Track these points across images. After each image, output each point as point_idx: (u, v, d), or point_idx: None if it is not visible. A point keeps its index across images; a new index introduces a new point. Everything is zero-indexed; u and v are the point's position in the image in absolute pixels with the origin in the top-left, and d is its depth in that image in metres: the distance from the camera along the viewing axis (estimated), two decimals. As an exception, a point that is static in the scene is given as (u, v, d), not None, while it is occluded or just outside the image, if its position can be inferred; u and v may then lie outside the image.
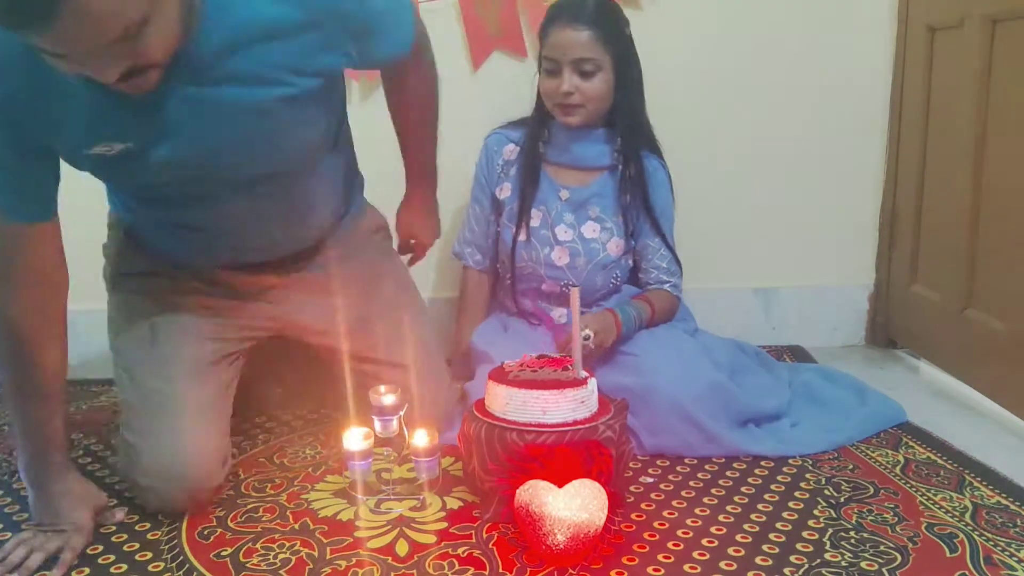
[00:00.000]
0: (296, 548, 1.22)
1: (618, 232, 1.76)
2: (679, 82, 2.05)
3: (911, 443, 1.56)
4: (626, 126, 1.73)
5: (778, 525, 1.27)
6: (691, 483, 1.41)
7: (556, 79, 1.67)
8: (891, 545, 1.20)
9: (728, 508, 1.33)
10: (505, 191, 1.80)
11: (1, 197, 1.19)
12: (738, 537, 1.24)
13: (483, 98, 1.98)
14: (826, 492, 1.37)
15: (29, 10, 0.91)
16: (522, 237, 1.77)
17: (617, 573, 1.14)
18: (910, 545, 1.20)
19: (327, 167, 1.43)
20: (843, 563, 1.16)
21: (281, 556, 1.20)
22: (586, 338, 1.51)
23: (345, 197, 1.55)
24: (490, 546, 1.22)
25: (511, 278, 1.80)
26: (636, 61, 1.73)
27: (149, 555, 1.22)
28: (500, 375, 1.35)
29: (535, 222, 1.77)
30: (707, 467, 1.47)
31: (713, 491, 1.38)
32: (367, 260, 1.59)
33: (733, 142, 2.09)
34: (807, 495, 1.36)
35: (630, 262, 1.81)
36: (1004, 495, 1.35)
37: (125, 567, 1.19)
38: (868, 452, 1.52)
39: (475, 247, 1.85)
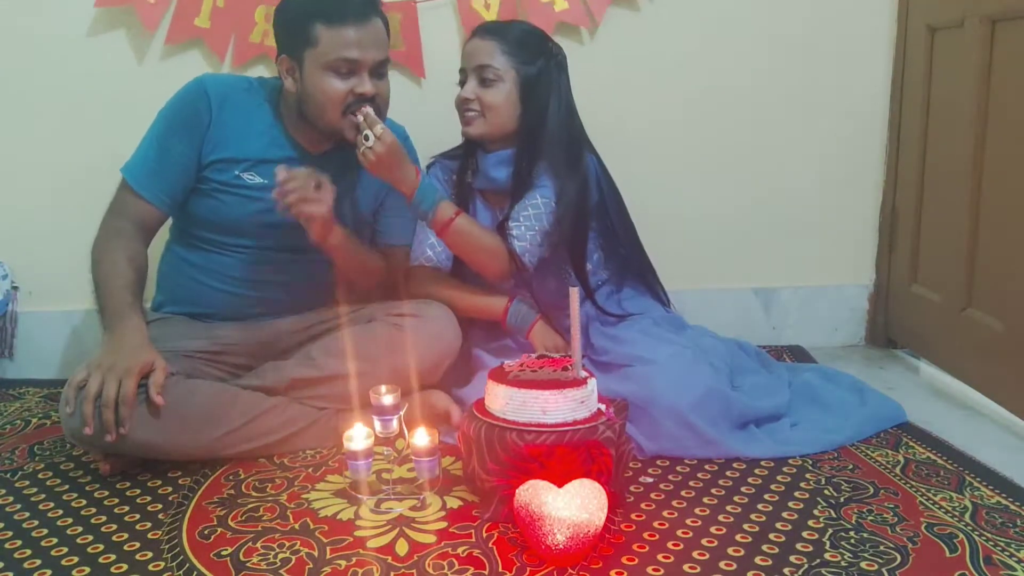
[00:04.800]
0: (296, 548, 1.23)
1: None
2: (679, 82, 2.05)
3: (911, 443, 1.56)
4: (524, 152, 1.69)
5: (778, 525, 1.27)
6: (691, 483, 1.41)
7: (462, 89, 1.71)
8: (891, 545, 1.20)
9: (728, 508, 1.33)
10: None
11: (143, 171, 1.56)
12: (738, 537, 1.24)
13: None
14: (826, 492, 1.37)
15: (361, 8, 1.51)
16: None
17: (617, 573, 1.15)
18: (910, 545, 1.20)
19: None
20: (843, 563, 1.16)
21: (281, 556, 1.20)
22: (366, 138, 1.49)
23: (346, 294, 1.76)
24: (490, 546, 1.22)
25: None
26: (548, 91, 1.68)
27: (149, 555, 1.22)
28: (500, 375, 1.35)
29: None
30: (707, 467, 1.47)
31: (713, 491, 1.38)
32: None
33: (733, 142, 2.09)
34: (807, 495, 1.36)
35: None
36: (1004, 495, 1.35)
37: (125, 567, 1.19)
38: (868, 452, 1.52)
39: (435, 257, 1.74)
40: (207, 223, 1.62)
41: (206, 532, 1.28)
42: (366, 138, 1.51)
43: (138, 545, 1.24)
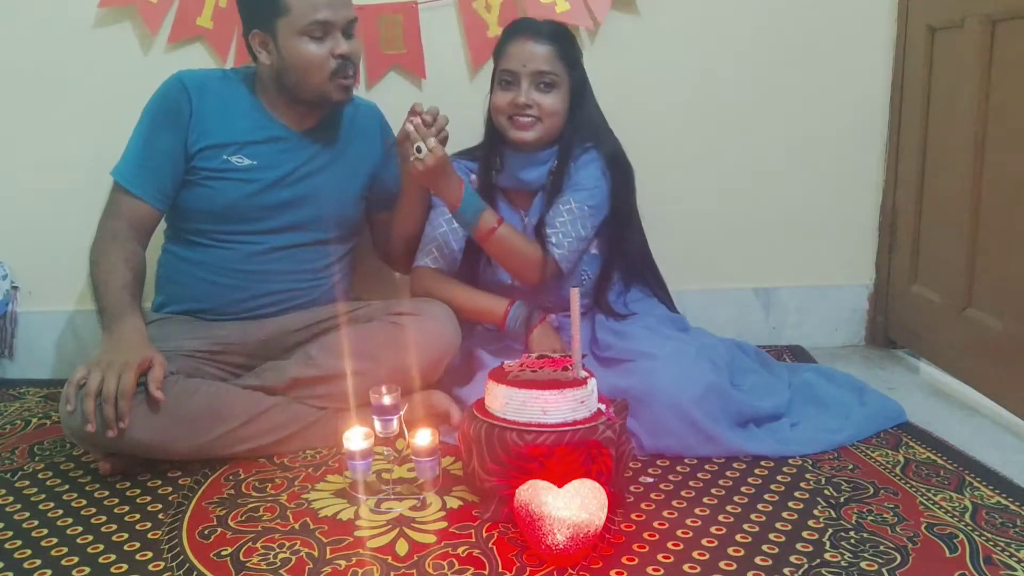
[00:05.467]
0: (296, 548, 1.23)
1: None
2: (678, 82, 2.05)
3: (911, 443, 1.56)
4: (566, 152, 1.71)
5: (778, 525, 1.27)
6: (691, 483, 1.41)
7: (512, 91, 1.66)
8: (891, 545, 1.20)
9: (728, 508, 1.33)
10: None
11: (132, 169, 1.58)
12: (738, 537, 1.24)
13: (481, 103, 1.98)
14: (826, 492, 1.37)
15: None
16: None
17: (617, 573, 1.15)
18: (910, 545, 1.20)
19: (342, 253, 1.76)
20: (843, 563, 1.16)
21: (281, 556, 1.21)
22: (418, 150, 1.51)
23: (338, 295, 1.77)
24: (490, 546, 1.22)
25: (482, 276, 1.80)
26: (590, 92, 1.74)
27: (149, 555, 1.22)
28: (500, 375, 1.35)
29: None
30: (707, 467, 1.47)
31: (713, 491, 1.39)
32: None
33: (733, 142, 2.09)
34: (807, 495, 1.36)
35: (593, 252, 1.78)
36: (1004, 495, 1.35)
37: (125, 567, 1.19)
38: (868, 452, 1.52)
39: (441, 259, 1.76)
40: (203, 214, 1.63)
41: (206, 532, 1.28)
42: (418, 150, 1.52)
43: (138, 545, 1.24)
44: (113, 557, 1.21)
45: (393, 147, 1.75)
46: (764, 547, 1.21)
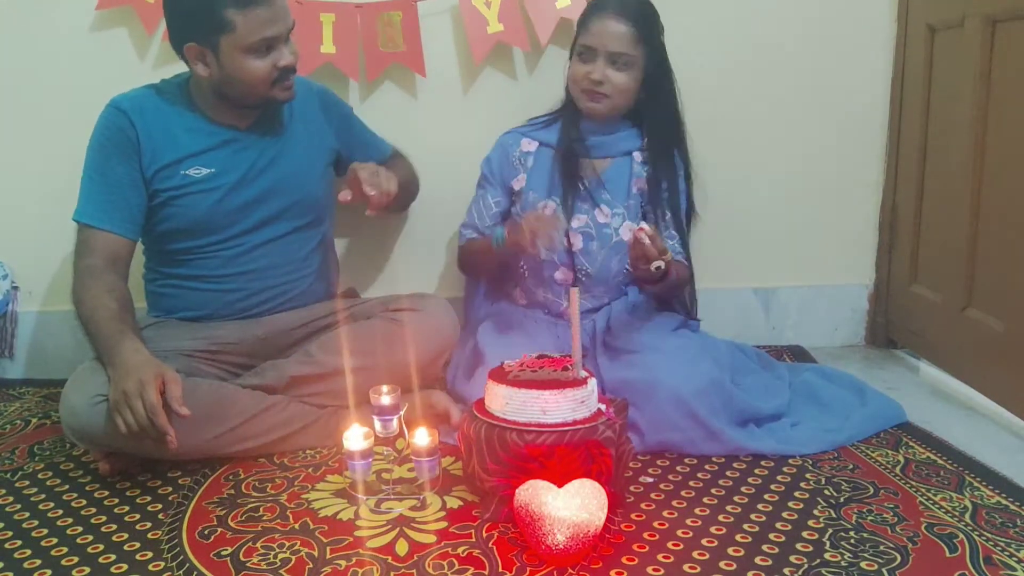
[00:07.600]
0: (296, 548, 1.23)
1: (630, 216, 1.77)
2: (678, 80, 2.04)
3: (911, 443, 1.56)
4: (654, 127, 1.78)
5: (778, 525, 1.27)
6: (691, 483, 1.42)
7: (588, 65, 1.71)
8: (891, 545, 1.20)
9: (728, 508, 1.33)
10: (521, 181, 1.81)
11: (97, 206, 1.56)
12: (738, 537, 1.24)
13: (477, 111, 1.98)
14: (826, 492, 1.37)
15: None
16: None
17: (617, 573, 1.15)
18: (910, 545, 1.20)
19: (320, 237, 1.76)
20: (843, 563, 1.16)
21: (281, 556, 1.21)
22: (657, 268, 1.50)
23: (328, 283, 1.81)
24: (490, 546, 1.22)
25: (524, 267, 1.81)
26: (668, 67, 1.78)
27: (149, 555, 1.22)
28: (500, 375, 1.35)
29: (549, 211, 1.76)
30: (707, 467, 1.47)
31: (713, 491, 1.39)
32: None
33: (733, 142, 2.09)
34: (807, 495, 1.37)
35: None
36: (1004, 495, 1.35)
37: (125, 567, 1.19)
38: (868, 452, 1.52)
39: (475, 230, 1.83)
40: (176, 234, 1.61)
41: (206, 532, 1.28)
42: (657, 268, 1.51)
43: (138, 545, 1.25)
44: (113, 557, 1.21)
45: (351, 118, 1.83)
46: (764, 547, 1.21)
